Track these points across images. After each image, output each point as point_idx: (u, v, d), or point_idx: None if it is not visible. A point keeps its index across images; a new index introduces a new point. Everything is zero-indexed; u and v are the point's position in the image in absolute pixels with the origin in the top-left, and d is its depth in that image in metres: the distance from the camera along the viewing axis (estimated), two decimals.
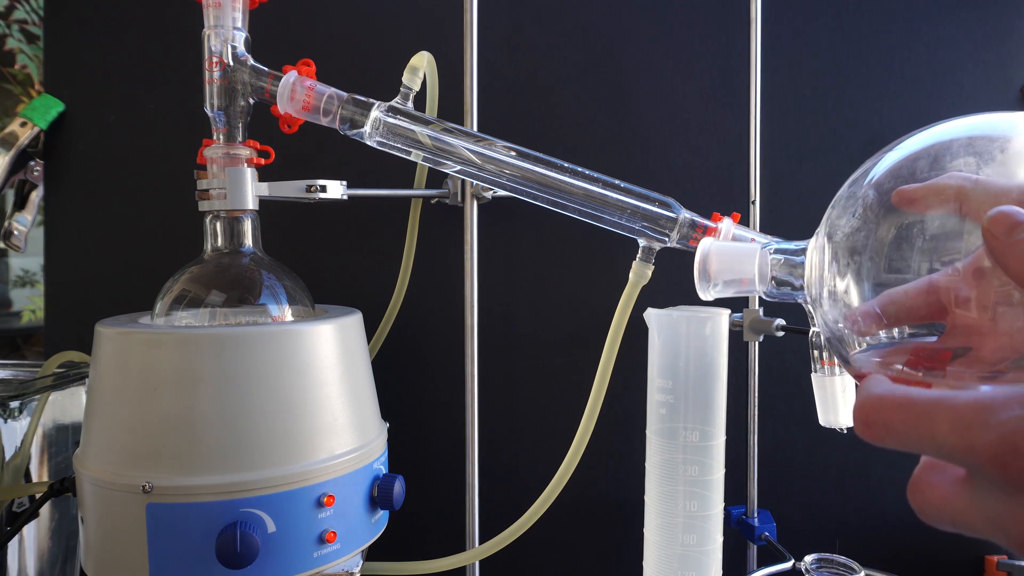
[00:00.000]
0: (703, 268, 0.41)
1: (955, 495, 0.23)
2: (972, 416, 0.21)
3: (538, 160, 0.51)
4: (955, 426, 0.21)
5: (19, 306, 1.38)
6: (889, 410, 0.23)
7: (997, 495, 0.21)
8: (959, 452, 0.21)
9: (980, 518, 0.22)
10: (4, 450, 0.62)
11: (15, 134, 0.74)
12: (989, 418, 0.20)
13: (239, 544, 0.42)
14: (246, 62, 0.52)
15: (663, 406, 0.48)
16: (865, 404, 0.24)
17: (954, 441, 0.21)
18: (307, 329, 0.48)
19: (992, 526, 0.22)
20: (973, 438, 0.21)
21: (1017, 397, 0.20)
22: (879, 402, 0.23)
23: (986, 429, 0.20)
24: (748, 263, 0.40)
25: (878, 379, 0.25)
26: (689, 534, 0.48)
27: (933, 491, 0.24)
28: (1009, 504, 0.21)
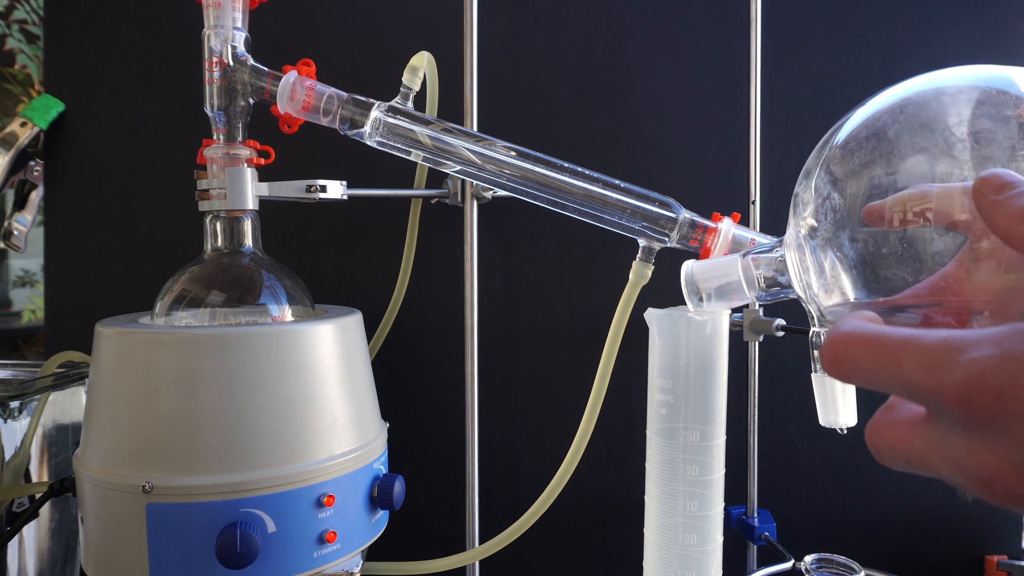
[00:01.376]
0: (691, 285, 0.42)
1: (914, 434, 0.23)
2: (941, 355, 0.21)
3: (538, 160, 0.51)
4: (923, 364, 0.21)
5: (19, 306, 1.38)
6: (857, 347, 0.23)
7: (958, 433, 0.21)
8: (926, 390, 0.21)
9: (938, 456, 0.22)
10: (4, 450, 0.62)
11: (15, 134, 0.74)
12: (957, 357, 0.20)
13: (239, 544, 0.42)
14: (246, 62, 0.52)
15: (663, 406, 0.48)
16: (833, 341, 0.24)
17: (921, 379, 0.21)
18: (307, 329, 0.49)
19: (951, 464, 0.22)
20: (941, 376, 0.21)
21: (987, 337, 0.20)
22: (847, 339, 0.23)
23: (954, 367, 0.20)
24: (732, 270, 0.41)
25: (848, 318, 0.25)
26: (689, 534, 0.48)
27: (891, 431, 0.24)
28: (970, 442, 0.21)
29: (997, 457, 0.21)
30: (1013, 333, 0.20)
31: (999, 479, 0.21)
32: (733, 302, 0.43)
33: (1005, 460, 0.20)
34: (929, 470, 0.23)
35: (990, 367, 0.20)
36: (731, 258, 0.42)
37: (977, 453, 0.21)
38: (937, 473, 0.23)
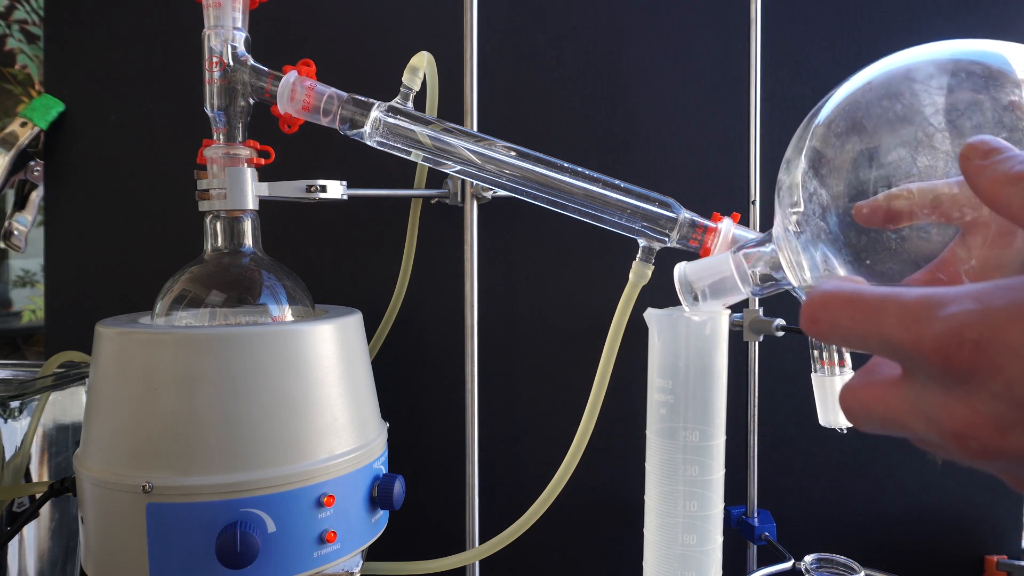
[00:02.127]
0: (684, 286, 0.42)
1: (889, 393, 0.23)
2: (920, 310, 0.21)
3: (538, 160, 0.51)
4: (903, 319, 0.21)
5: (19, 306, 1.38)
6: (836, 304, 0.23)
7: (934, 389, 0.22)
8: (905, 345, 0.21)
9: (914, 413, 0.22)
10: (4, 450, 0.62)
11: (15, 134, 0.74)
12: (937, 311, 0.21)
13: (239, 544, 0.42)
14: (246, 62, 0.52)
15: (663, 406, 0.48)
16: (813, 300, 0.24)
17: (900, 334, 0.21)
18: (307, 329, 0.49)
19: (925, 421, 0.22)
20: (920, 330, 0.21)
21: (967, 292, 0.21)
22: (826, 297, 0.23)
23: (933, 321, 0.20)
24: (724, 267, 0.41)
25: (827, 280, 0.25)
26: (689, 534, 0.48)
27: (867, 392, 0.24)
28: (946, 398, 0.21)
29: (972, 411, 0.21)
30: (993, 288, 0.20)
31: (973, 433, 0.21)
32: (729, 299, 0.43)
33: (980, 414, 0.20)
34: (903, 429, 0.23)
35: (969, 320, 0.20)
36: (723, 256, 0.42)
37: (952, 408, 0.21)
38: (911, 431, 0.23)
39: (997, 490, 0.76)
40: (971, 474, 0.75)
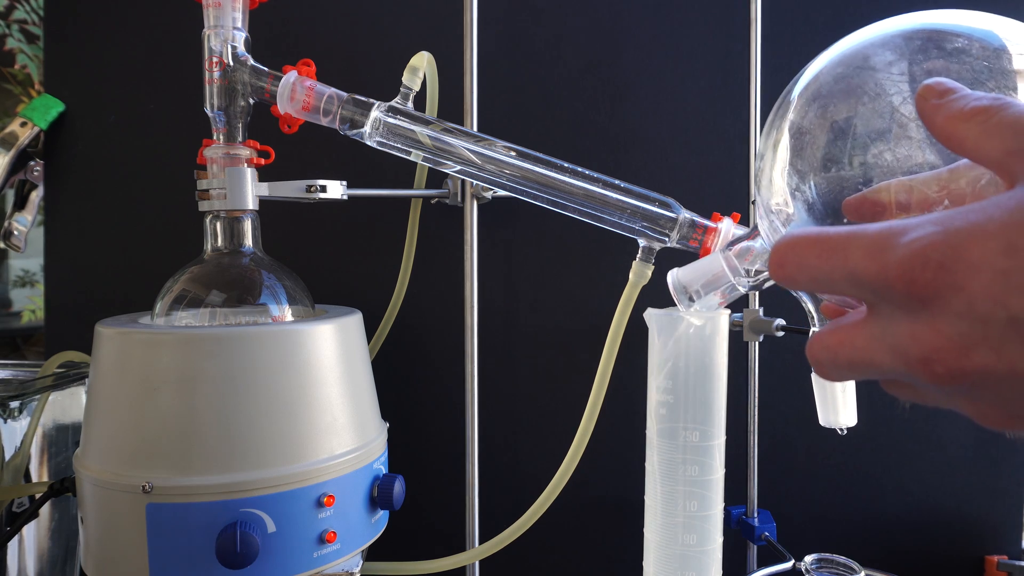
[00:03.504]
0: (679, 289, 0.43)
1: (855, 332, 0.24)
2: (884, 239, 0.22)
3: (538, 160, 0.51)
4: (867, 250, 0.22)
5: (19, 306, 1.38)
6: (803, 245, 0.24)
7: (900, 319, 0.22)
8: (870, 275, 0.22)
9: (880, 347, 0.23)
10: (4, 450, 0.62)
11: (15, 134, 0.74)
12: (900, 238, 0.21)
13: (239, 544, 0.42)
14: (246, 62, 0.52)
15: (663, 406, 0.48)
16: (780, 245, 0.24)
17: (866, 264, 0.22)
18: (307, 329, 0.48)
19: (892, 352, 0.23)
20: (885, 257, 0.21)
21: (929, 219, 0.21)
22: (793, 240, 0.24)
23: (897, 248, 0.21)
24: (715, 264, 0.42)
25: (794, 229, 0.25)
26: (689, 534, 0.48)
27: (832, 336, 0.25)
28: (912, 325, 0.22)
29: (936, 333, 0.21)
30: (954, 213, 0.21)
31: (939, 356, 0.21)
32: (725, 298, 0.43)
33: (944, 335, 0.21)
34: (870, 365, 0.24)
35: (932, 242, 0.21)
36: (713, 256, 0.43)
37: (917, 333, 0.22)
38: (878, 367, 0.24)
39: (997, 490, 0.76)
40: (971, 474, 0.75)
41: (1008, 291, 0.20)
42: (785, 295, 0.48)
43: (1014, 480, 0.76)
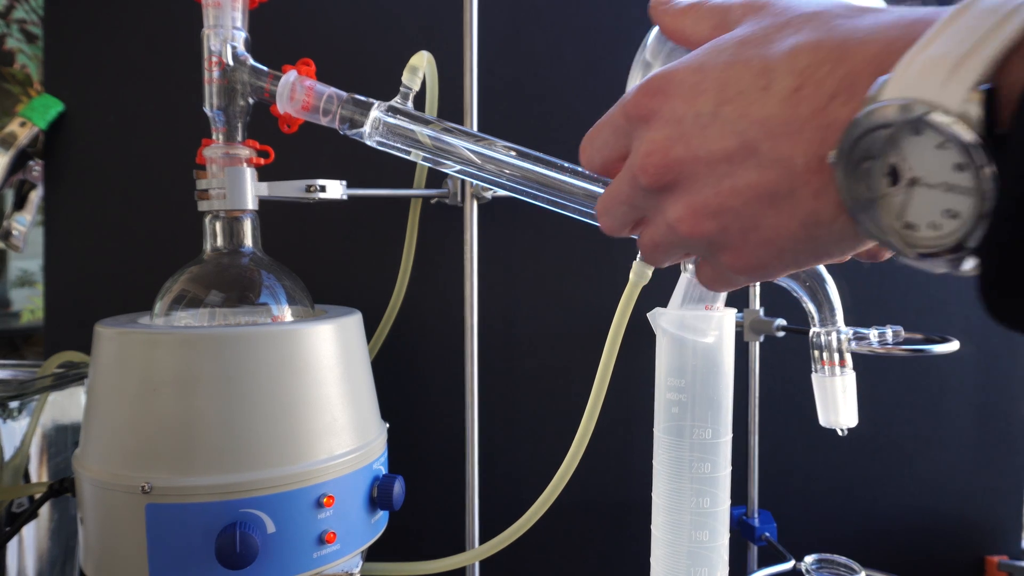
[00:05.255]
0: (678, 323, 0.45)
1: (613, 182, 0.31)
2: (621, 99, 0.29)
3: (538, 160, 0.51)
4: (618, 103, 0.29)
5: (19, 306, 1.38)
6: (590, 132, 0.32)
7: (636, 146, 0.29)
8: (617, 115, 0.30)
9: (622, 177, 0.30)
10: (4, 450, 0.62)
11: (15, 134, 0.74)
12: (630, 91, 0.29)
13: (239, 544, 0.42)
14: (245, 62, 0.52)
15: (675, 405, 0.48)
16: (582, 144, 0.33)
17: (615, 111, 0.30)
18: (307, 329, 0.48)
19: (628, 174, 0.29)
20: (626, 98, 0.29)
21: None
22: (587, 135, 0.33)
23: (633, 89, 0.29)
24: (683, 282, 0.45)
25: None
26: (699, 531, 0.48)
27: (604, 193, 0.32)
28: (639, 143, 0.28)
29: (651, 141, 0.27)
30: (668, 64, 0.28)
31: (650, 158, 0.27)
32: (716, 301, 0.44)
33: (654, 140, 0.27)
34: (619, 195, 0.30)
35: (655, 75, 0.28)
36: (681, 279, 0.46)
37: (640, 147, 0.28)
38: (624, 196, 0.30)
39: (997, 490, 0.76)
40: (971, 474, 0.75)
41: (696, 94, 0.26)
42: (785, 295, 0.48)
43: (1014, 480, 0.76)
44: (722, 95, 0.25)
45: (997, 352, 0.75)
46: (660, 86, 0.27)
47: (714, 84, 0.26)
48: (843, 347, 0.48)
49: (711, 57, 0.27)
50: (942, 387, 0.75)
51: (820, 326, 0.48)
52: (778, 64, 0.24)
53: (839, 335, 0.47)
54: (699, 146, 0.26)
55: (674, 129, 0.26)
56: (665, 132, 0.27)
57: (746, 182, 0.25)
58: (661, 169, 0.27)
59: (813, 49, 0.24)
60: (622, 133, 0.29)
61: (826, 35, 0.24)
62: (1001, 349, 0.75)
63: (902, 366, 0.75)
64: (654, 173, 0.27)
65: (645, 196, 0.29)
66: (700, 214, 0.27)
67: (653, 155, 0.27)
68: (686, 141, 0.26)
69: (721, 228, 0.27)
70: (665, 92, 0.27)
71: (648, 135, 0.27)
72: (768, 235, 0.26)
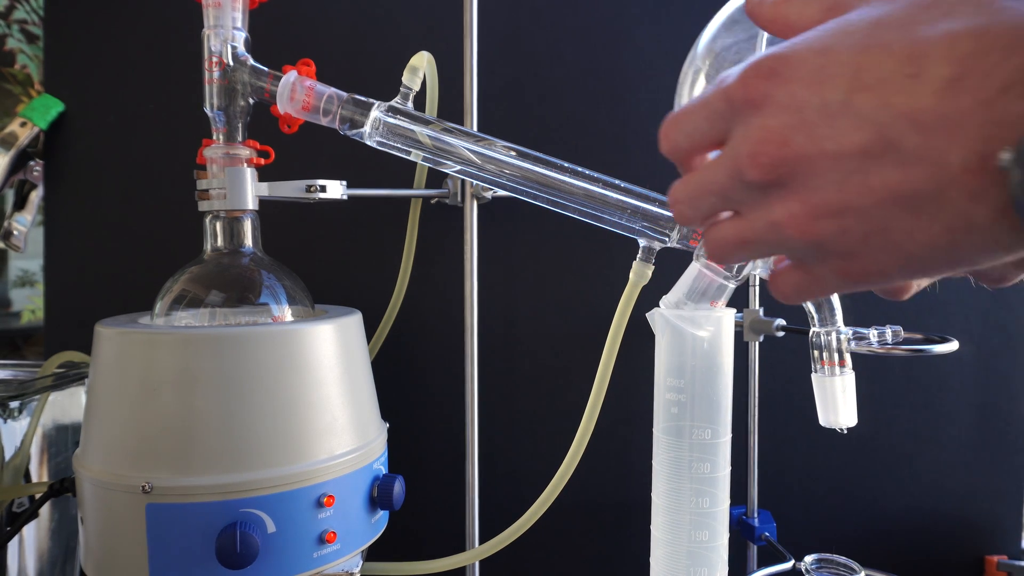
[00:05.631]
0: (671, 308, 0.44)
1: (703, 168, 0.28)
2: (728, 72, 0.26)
3: (538, 160, 0.51)
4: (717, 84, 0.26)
5: (19, 306, 1.38)
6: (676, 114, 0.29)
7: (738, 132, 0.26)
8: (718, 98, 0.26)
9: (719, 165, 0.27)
10: (4, 450, 0.62)
11: (15, 134, 0.74)
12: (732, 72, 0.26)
13: (239, 544, 0.42)
14: (246, 62, 0.52)
15: (674, 405, 0.48)
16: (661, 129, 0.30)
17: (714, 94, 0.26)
18: (307, 329, 0.48)
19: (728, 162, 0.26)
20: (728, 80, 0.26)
21: None
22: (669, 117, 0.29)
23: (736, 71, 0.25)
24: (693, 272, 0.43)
25: None
26: (699, 531, 0.48)
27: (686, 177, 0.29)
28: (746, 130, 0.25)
29: (762, 128, 0.24)
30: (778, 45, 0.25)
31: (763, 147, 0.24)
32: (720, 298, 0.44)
33: (769, 128, 0.24)
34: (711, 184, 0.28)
35: (765, 55, 0.25)
36: (689, 268, 0.45)
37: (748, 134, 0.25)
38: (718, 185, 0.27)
39: (997, 490, 0.76)
40: (971, 474, 0.75)
41: (822, 80, 0.23)
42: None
43: (1014, 480, 0.76)
44: (856, 81, 0.22)
45: (997, 352, 0.75)
46: (775, 68, 0.24)
47: (846, 69, 0.23)
48: (843, 347, 0.48)
49: (837, 39, 0.23)
50: (942, 387, 0.75)
51: (820, 326, 0.48)
52: (931, 50, 0.21)
53: (839, 335, 0.47)
54: (826, 138, 0.23)
55: (793, 117, 0.23)
56: (782, 120, 0.24)
57: (882, 181, 0.22)
58: (776, 161, 0.24)
59: (978, 35, 0.21)
60: (719, 118, 0.26)
61: (993, 20, 0.21)
62: (1001, 349, 0.75)
63: (902, 366, 0.75)
64: (767, 165, 0.24)
65: (745, 189, 0.26)
66: (818, 214, 0.24)
67: (767, 144, 0.24)
68: (809, 132, 0.23)
69: (840, 230, 0.24)
70: (782, 75, 0.24)
71: (759, 122, 0.24)
72: (898, 239, 0.23)
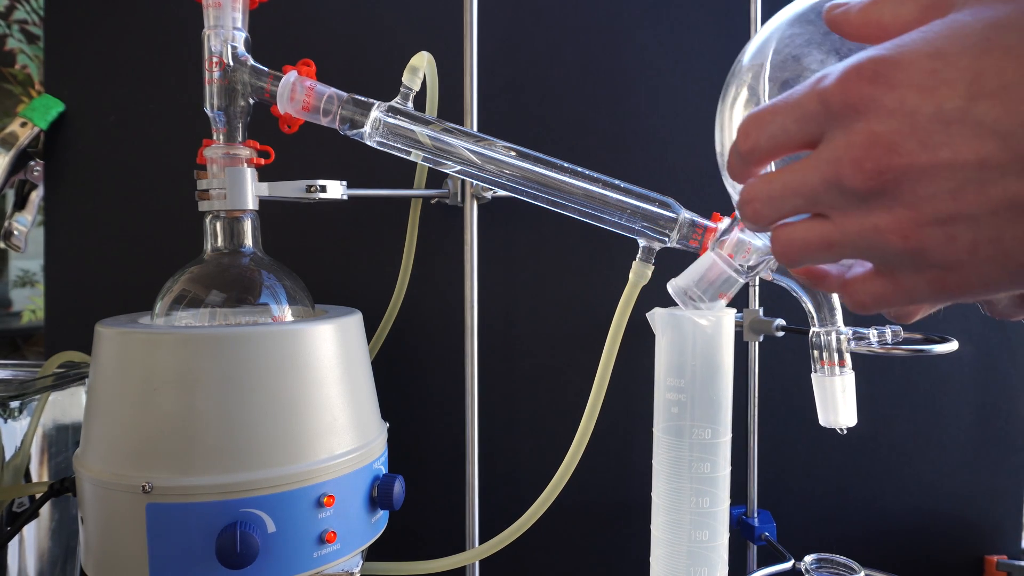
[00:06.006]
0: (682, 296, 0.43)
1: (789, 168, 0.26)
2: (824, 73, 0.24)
3: (538, 160, 0.51)
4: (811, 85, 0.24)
5: (19, 306, 1.38)
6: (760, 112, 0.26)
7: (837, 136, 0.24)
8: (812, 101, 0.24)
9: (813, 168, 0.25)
10: (4, 450, 0.62)
11: (15, 134, 0.74)
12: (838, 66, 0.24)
13: (239, 544, 0.42)
14: (246, 62, 0.52)
15: (674, 405, 0.48)
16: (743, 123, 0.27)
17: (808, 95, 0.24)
18: (307, 329, 0.48)
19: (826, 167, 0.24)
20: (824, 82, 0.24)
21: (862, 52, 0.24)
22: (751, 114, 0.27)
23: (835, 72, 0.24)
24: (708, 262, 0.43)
25: None
26: (699, 531, 0.48)
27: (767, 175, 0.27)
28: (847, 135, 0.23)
29: (868, 134, 0.23)
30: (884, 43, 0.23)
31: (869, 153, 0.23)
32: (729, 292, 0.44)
33: (876, 134, 0.23)
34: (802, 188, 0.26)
35: (867, 57, 0.23)
36: (704, 257, 0.43)
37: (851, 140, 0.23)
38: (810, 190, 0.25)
39: (997, 490, 0.76)
40: (971, 474, 0.75)
41: (936, 85, 0.22)
42: (785, 295, 0.48)
43: (1014, 480, 0.76)
44: (975, 88, 0.21)
45: (997, 352, 0.75)
46: (879, 71, 0.22)
47: (963, 74, 0.21)
48: (843, 347, 0.48)
49: (949, 41, 0.22)
50: (942, 387, 0.75)
51: (820, 326, 0.48)
52: None
53: (839, 335, 0.47)
54: (941, 146, 0.22)
55: (903, 123, 0.22)
56: (890, 126, 0.22)
57: (1002, 191, 0.21)
58: (883, 168, 0.22)
59: None
60: (811, 121, 0.25)
61: None
62: (1001, 349, 0.75)
63: (902, 366, 0.75)
64: (873, 172, 0.23)
65: (840, 194, 0.24)
66: (924, 222, 0.23)
67: (873, 150, 0.23)
68: (922, 139, 0.22)
69: (947, 239, 0.23)
70: (888, 79, 0.22)
71: (864, 127, 0.23)
72: (1009, 247, 0.22)
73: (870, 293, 0.27)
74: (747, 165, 0.28)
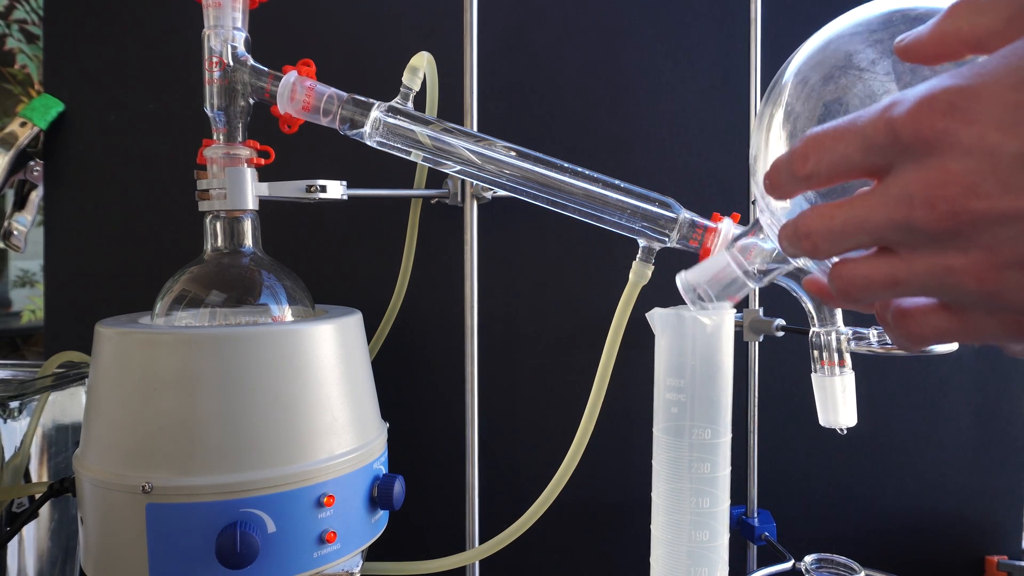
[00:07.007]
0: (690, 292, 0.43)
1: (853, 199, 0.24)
2: (894, 100, 0.22)
3: (538, 160, 0.51)
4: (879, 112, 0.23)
5: (19, 306, 1.38)
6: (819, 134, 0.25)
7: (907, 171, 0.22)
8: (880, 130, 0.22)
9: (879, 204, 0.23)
10: (4, 450, 0.62)
11: (15, 134, 0.74)
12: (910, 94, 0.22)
13: (239, 544, 0.42)
14: (246, 62, 0.52)
15: (674, 405, 0.48)
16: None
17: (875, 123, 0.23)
18: (307, 329, 0.48)
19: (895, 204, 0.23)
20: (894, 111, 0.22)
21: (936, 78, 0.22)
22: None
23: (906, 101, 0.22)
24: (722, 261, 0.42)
25: None
26: (699, 531, 0.48)
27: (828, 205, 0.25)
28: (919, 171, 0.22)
29: (944, 172, 0.21)
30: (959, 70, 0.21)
31: (944, 192, 0.21)
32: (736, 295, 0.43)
33: (952, 172, 0.21)
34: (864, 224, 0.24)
35: (941, 87, 0.21)
36: (719, 255, 0.43)
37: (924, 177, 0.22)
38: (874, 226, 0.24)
39: (997, 490, 0.76)
40: (971, 474, 0.75)
41: (1019, 122, 0.20)
42: (785, 295, 0.48)
43: (1014, 480, 0.76)
44: None
45: (997, 352, 0.75)
46: (955, 103, 0.21)
47: None
48: (843, 347, 0.48)
49: None
50: (942, 387, 0.75)
51: (819, 326, 0.48)
52: None
53: (838, 335, 0.47)
54: None
55: (981, 163, 0.20)
56: (967, 165, 0.21)
57: None
58: (959, 210, 0.21)
59: None
60: (877, 152, 0.23)
61: None
62: (1000, 349, 0.75)
63: (902, 366, 0.75)
64: (948, 213, 0.21)
65: (909, 233, 0.22)
66: (1003, 266, 0.21)
67: (949, 190, 0.21)
68: (1003, 182, 0.20)
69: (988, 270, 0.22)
70: (965, 113, 0.20)
71: (938, 163, 0.21)
72: None
73: (933, 327, 0.25)
74: (799, 187, 0.26)
